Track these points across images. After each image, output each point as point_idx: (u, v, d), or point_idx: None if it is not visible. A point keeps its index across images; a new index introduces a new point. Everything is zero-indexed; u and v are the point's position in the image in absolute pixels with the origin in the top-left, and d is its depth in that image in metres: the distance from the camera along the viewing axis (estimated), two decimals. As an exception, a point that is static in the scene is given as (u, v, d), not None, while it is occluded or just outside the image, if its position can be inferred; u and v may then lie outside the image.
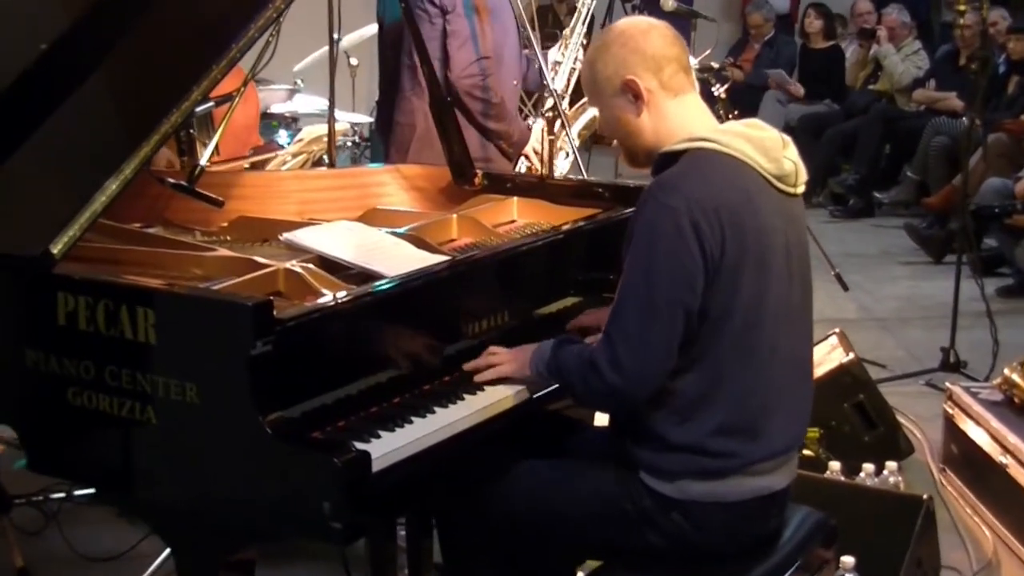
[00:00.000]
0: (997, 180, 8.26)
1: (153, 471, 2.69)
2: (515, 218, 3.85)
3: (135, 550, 4.08)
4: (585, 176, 4.42)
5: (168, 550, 3.72)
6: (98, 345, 2.67)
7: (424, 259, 3.15)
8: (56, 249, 2.71)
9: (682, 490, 2.77)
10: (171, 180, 3.47)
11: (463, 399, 2.91)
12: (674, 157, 2.78)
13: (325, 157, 4.80)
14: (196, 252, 3.19)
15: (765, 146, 2.79)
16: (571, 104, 5.51)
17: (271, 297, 2.59)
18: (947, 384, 4.95)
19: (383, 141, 5.14)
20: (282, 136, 6.40)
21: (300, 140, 4.51)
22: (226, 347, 2.53)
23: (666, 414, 2.75)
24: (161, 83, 2.96)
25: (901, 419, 5.05)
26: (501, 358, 2.97)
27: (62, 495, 4.34)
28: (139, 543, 4.09)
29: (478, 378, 2.95)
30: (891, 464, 4.26)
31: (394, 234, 3.35)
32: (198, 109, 3.72)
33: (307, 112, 6.60)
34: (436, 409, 2.84)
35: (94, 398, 2.70)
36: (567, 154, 5.08)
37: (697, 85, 2.92)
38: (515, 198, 3.87)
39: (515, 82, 4.91)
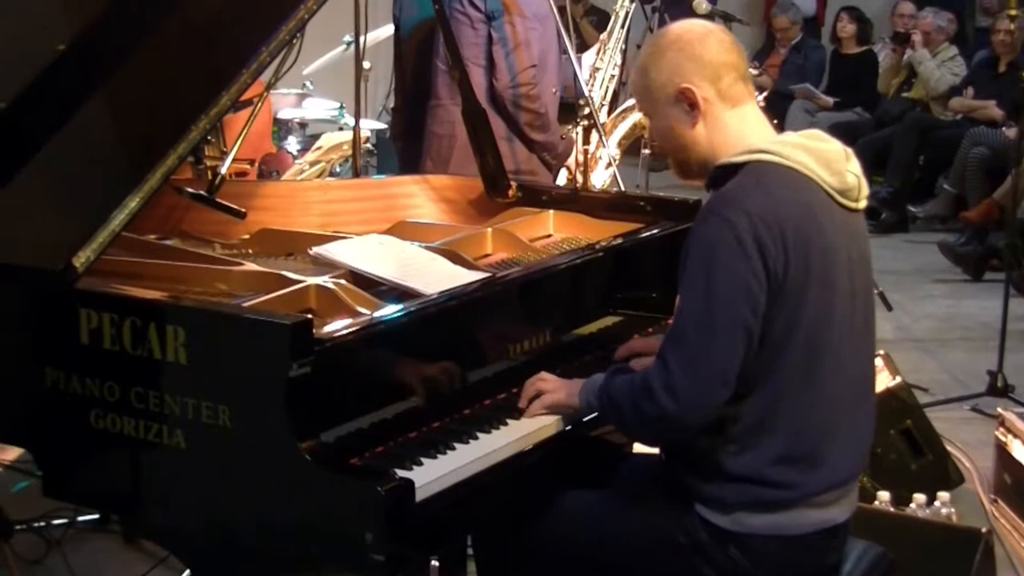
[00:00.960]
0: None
1: (180, 498, 2.69)
2: (551, 232, 3.85)
3: (143, 580, 4.08)
4: (623, 188, 4.42)
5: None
6: (124, 365, 2.67)
7: (462, 276, 3.15)
8: (79, 263, 2.71)
9: (739, 523, 2.76)
10: (190, 190, 3.46)
11: (506, 424, 2.91)
12: (732, 170, 2.77)
13: (338, 167, 4.81)
14: (221, 266, 3.18)
15: (828, 159, 2.79)
16: (610, 112, 5.51)
17: (308, 316, 2.57)
18: (998, 410, 4.94)
19: (401, 150, 5.14)
20: (291, 143, 6.39)
21: (319, 148, 4.52)
22: (262, 368, 2.53)
23: (722, 442, 2.74)
24: (188, 88, 2.96)
25: (948, 447, 5.04)
26: (549, 385, 2.96)
27: (65, 521, 4.34)
28: (148, 573, 4.08)
29: (529, 410, 2.95)
30: (943, 495, 4.26)
31: (428, 249, 3.34)
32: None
33: (317, 118, 6.59)
34: (479, 435, 2.84)
35: (118, 421, 2.70)
36: (608, 164, 5.08)
37: (755, 95, 2.91)
38: (551, 211, 3.87)
39: (554, 90, 4.90)
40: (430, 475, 2.62)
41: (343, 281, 3.08)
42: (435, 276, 3.14)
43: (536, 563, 2.97)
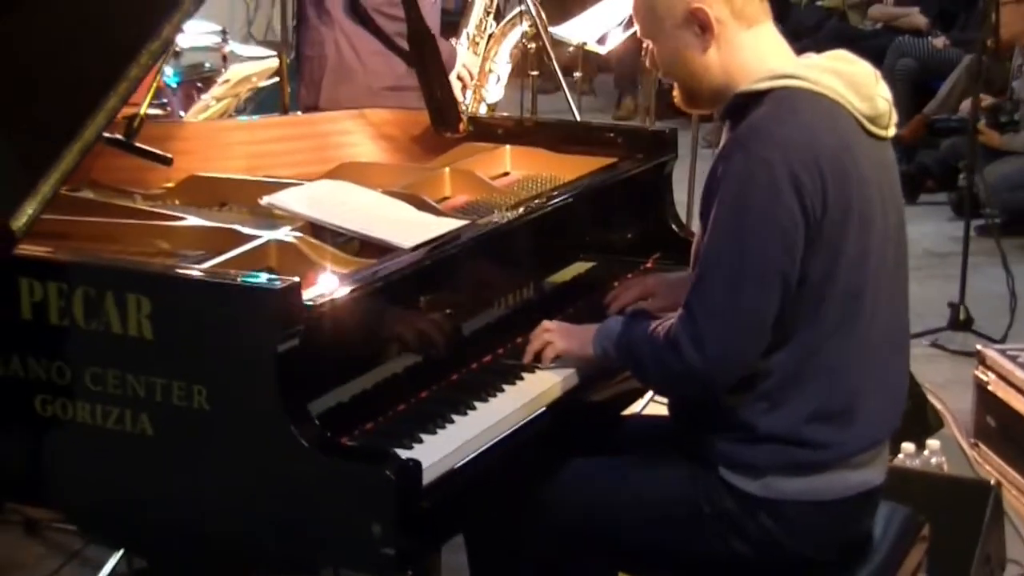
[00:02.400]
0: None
1: (148, 491, 2.57)
2: (508, 170, 3.77)
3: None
4: (577, 116, 4.35)
5: None
6: (76, 342, 2.54)
7: (436, 225, 3.05)
8: (17, 225, 2.55)
9: (771, 487, 2.72)
10: (106, 135, 3.31)
11: (503, 390, 2.84)
12: (754, 98, 2.71)
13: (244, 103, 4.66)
14: (159, 221, 3.05)
15: (857, 82, 2.74)
16: (497, 20, 5.42)
17: (296, 279, 2.46)
18: (977, 347, 4.99)
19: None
20: (167, 73, 6.17)
21: (227, 81, 4.35)
22: (246, 341, 2.42)
23: (752, 399, 2.70)
24: (121, 22, 2.80)
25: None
26: (558, 334, 2.91)
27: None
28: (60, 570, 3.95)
29: (539, 360, 2.91)
30: (932, 443, 4.27)
31: (389, 194, 3.24)
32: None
33: (194, 45, 6.37)
34: (476, 404, 2.76)
35: (70, 407, 2.57)
36: (498, 78, 5.01)
37: (770, 12, 2.85)
38: (507, 146, 3.78)
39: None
40: (435, 454, 2.53)
41: (303, 235, 2.97)
42: (405, 226, 3.04)
43: (538, 544, 2.90)
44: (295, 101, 4.92)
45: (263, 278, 2.47)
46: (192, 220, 3.06)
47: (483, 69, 4.53)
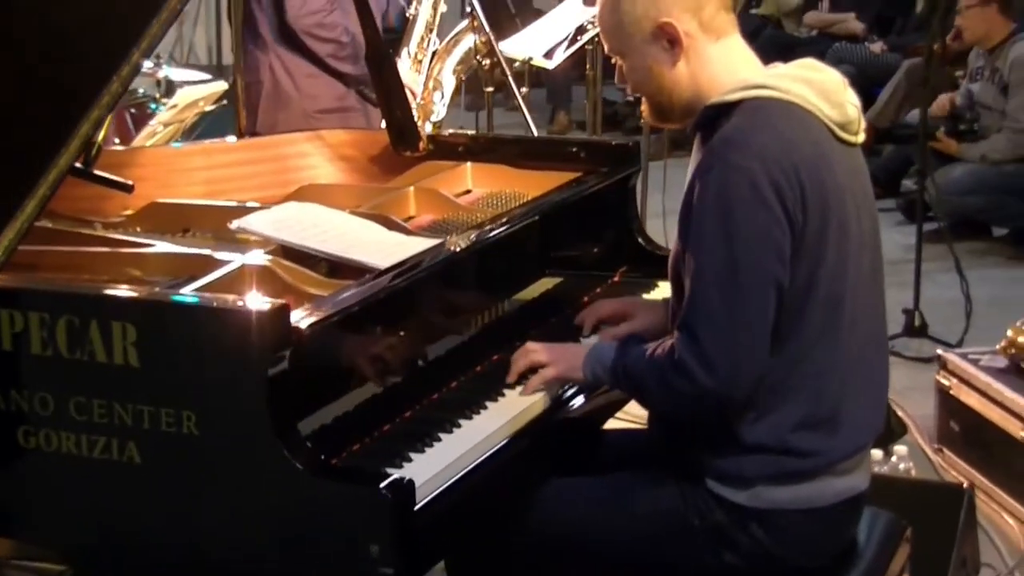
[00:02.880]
0: (918, 112, 8.53)
1: (140, 522, 2.62)
2: (470, 187, 3.85)
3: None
4: (535, 131, 4.43)
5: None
6: (59, 372, 2.59)
7: (409, 245, 3.12)
8: (-6, 256, 2.60)
9: (760, 497, 2.80)
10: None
11: (486, 407, 2.91)
12: (724, 109, 2.79)
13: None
14: (128, 249, 3.10)
15: (826, 90, 2.83)
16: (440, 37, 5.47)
17: (283, 301, 2.52)
18: (938, 352, 5.10)
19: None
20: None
21: (174, 107, 4.40)
22: (236, 365, 2.47)
23: (739, 409, 2.78)
24: (93, 46, 2.84)
25: (882, 396, 5.18)
26: (544, 357, 2.97)
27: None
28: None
29: (527, 386, 2.96)
30: (900, 448, 4.39)
31: (356, 215, 3.31)
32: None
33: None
34: (461, 422, 2.83)
35: (54, 437, 2.62)
36: (441, 95, 5.07)
37: (737, 24, 2.94)
38: (468, 164, 3.86)
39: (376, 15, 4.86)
40: (426, 472, 2.60)
41: (276, 258, 3.03)
42: (378, 246, 3.11)
43: (523, 563, 2.96)
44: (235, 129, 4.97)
45: (251, 301, 2.53)
46: (162, 246, 3.11)
47: (427, 86, 4.60)
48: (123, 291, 2.67)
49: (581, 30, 5.67)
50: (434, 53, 4.79)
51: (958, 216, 7.42)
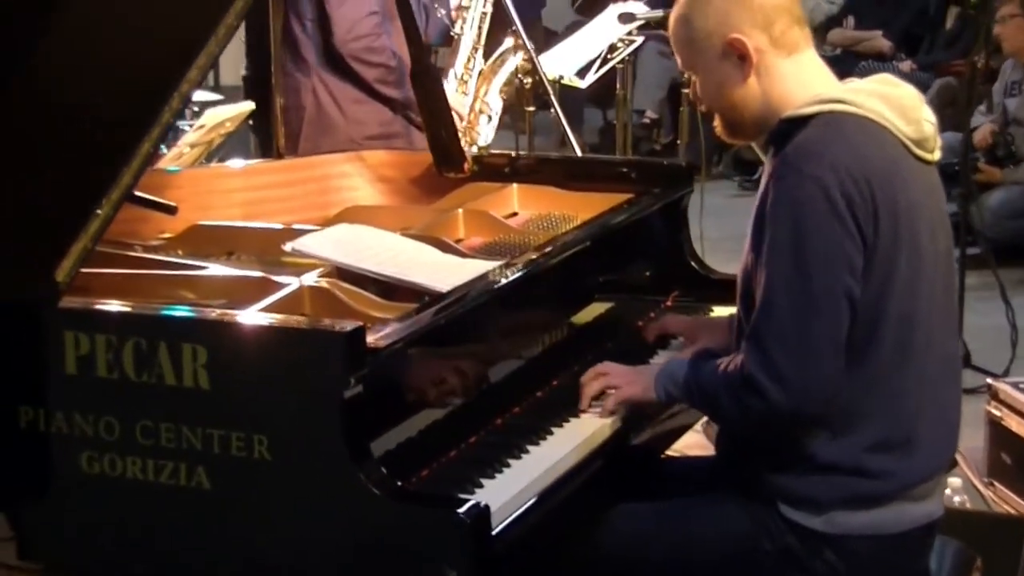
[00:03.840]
0: (949, 135, 8.63)
1: (205, 546, 2.70)
2: (516, 210, 3.94)
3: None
4: (578, 151, 4.53)
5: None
6: (125, 395, 2.69)
7: (468, 267, 3.22)
8: (61, 275, 2.70)
9: (835, 523, 2.90)
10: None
11: (552, 433, 3.01)
12: (798, 123, 2.89)
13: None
14: (181, 271, 3.21)
15: (903, 105, 2.94)
16: (486, 56, 5.55)
17: (360, 323, 2.62)
18: (987, 381, 5.19)
19: (254, 125, 5.15)
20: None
21: (202, 127, 4.49)
22: (310, 388, 2.57)
23: (812, 429, 2.87)
24: (155, 55, 2.94)
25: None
26: (619, 379, 3.08)
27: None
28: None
29: (603, 408, 3.07)
30: (953, 481, 4.48)
31: (410, 237, 3.41)
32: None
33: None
34: (529, 447, 2.93)
35: (119, 463, 2.71)
36: (488, 118, 5.15)
37: (812, 40, 3.05)
38: (514, 185, 3.96)
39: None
40: (499, 497, 2.70)
41: (334, 280, 3.13)
42: (434, 268, 3.21)
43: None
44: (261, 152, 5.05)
45: (327, 322, 2.63)
46: (215, 269, 3.21)
47: (473, 108, 4.68)
48: (194, 312, 2.76)
49: (612, 48, 5.77)
50: (480, 73, 4.86)
51: (1003, 241, 7.50)
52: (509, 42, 4.85)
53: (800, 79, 2.96)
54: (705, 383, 2.92)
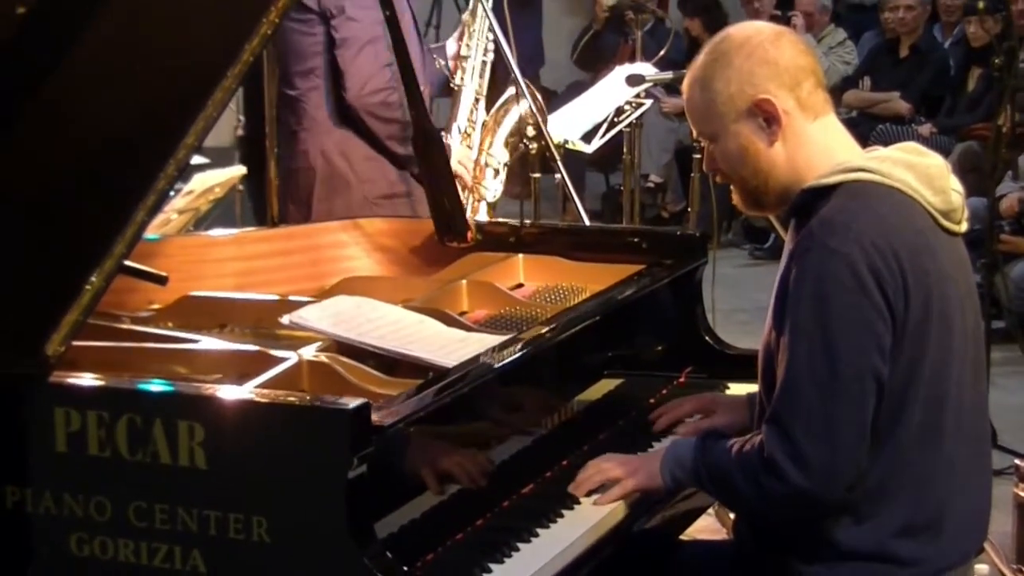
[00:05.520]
0: (972, 200, 8.68)
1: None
2: (522, 281, 3.99)
3: None
4: (585, 220, 4.59)
5: None
6: (118, 474, 2.72)
7: (472, 341, 3.27)
8: (52, 349, 2.74)
9: (858, 612, 2.94)
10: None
11: (562, 515, 3.04)
12: (823, 193, 2.95)
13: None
14: (173, 344, 3.25)
15: (930, 175, 2.99)
16: (487, 108, 5.59)
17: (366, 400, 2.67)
18: (1018, 463, 5.22)
19: (250, 187, 5.20)
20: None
21: (190, 192, 4.55)
22: (313, 467, 2.61)
23: (836, 513, 2.91)
24: (154, 120, 2.99)
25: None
26: (618, 470, 3.10)
27: None
28: None
29: (606, 497, 3.09)
30: (980, 568, 4.51)
31: (412, 309, 3.46)
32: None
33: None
34: (538, 531, 2.96)
35: (110, 545, 2.74)
36: (495, 172, 5.18)
37: (832, 104, 3.11)
38: (520, 255, 4.01)
39: (424, 87, 4.86)
40: (511, 583, 2.74)
41: (332, 354, 3.18)
42: (438, 342, 3.26)
43: None
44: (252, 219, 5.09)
45: (330, 399, 2.67)
46: (208, 342, 3.26)
47: (478, 162, 4.73)
48: (190, 388, 2.80)
49: (619, 111, 5.83)
50: (483, 125, 4.91)
51: (1029, 314, 7.55)
52: (511, 91, 4.90)
53: (825, 145, 3.01)
54: (717, 465, 2.96)
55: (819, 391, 2.82)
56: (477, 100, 4.93)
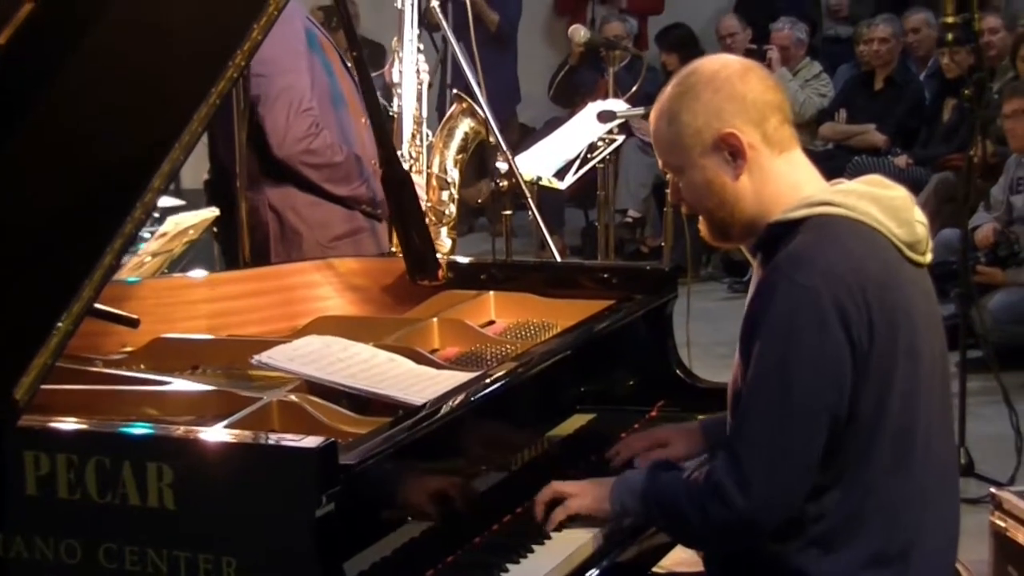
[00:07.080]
0: (948, 231, 8.72)
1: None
2: (493, 318, 4.01)
3: None
4: (557, 256, 4.61)
5: None
6: (88, 517, 2.74)
7: (444, 379, 3.29)
8: (20, 393, 2.74)
9: (828, 644, 2.96)
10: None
11: (532, 551, 3.06)
12: (790, 227, 2.98)
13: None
14: (143, 387, 3.27)
15: (895, 207, 3.02)
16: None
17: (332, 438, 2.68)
18: (991, 491, 5.23)
19: (217, 232, 5.20)
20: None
21: (163, 235, 4.56)
22: (282, 507, 2.62)
23: (803, 544, 2.94)
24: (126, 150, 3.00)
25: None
26: (570, 488, 3.14)
27: None
28: None
29: (550, 519, 3.12)
30: (958, 599, 4.52)
31: (381, 348, 3.48)
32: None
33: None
34: (509, 566, 2.98)
35: (81, 588, 2.75)
36: (450, 193, 5.16)
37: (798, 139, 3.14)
38: (491, 293, 4.03)
39: (364, 119, 4.77)
40: (480, 624, 2.76)
41: (302, 394, 3.20)
42: (408, 380, 3.28)
43: None
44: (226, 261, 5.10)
45: (297, 438, 2.69)
46: (179, 384, 3.28)
47: (431, 185, 4.73)
48: (158, 429, 2.82)
49: (592, 148, 5.85)
50: (429, 147, 4.92)
51: (1005, 344, 7.57)
52: (455, 107, 4.91)
53: (791, 179, 3.05)
54: (665, 492, 3.00)
55: (771, 423, 2.87)
56: (419, 125, 4.91)
